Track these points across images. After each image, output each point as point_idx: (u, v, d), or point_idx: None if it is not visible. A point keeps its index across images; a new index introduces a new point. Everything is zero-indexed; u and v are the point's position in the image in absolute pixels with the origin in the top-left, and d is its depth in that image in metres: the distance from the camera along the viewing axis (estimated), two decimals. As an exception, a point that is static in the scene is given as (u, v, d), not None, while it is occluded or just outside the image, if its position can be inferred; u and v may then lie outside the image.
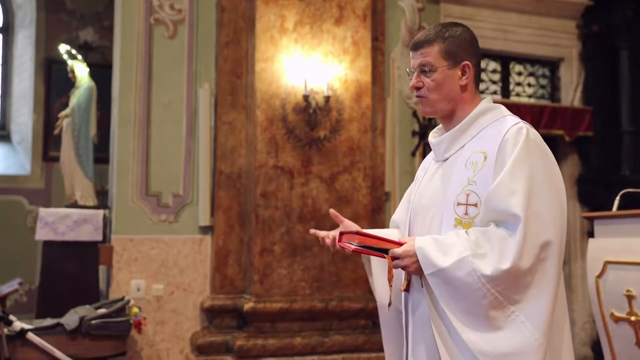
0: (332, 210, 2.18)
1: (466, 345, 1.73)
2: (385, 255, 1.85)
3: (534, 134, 1.85)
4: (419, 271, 1.82)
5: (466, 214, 1.84)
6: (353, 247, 1.87)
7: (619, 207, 3.24)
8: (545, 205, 1.76)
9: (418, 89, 1.96)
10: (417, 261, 1.80)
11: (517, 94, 6.61)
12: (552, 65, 6.73)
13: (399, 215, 2.24)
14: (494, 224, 1.78)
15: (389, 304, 1.96)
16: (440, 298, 1.77)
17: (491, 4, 6.20)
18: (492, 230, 1.76)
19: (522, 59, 6.60)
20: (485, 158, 1.85)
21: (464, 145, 1.94)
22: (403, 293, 1.99)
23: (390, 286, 1.87)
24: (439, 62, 1.92)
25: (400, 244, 1.86)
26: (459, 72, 1.93)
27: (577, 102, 6.56)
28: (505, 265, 1.70)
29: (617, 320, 3.10)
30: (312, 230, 2.21)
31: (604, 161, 6.38)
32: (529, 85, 6.70)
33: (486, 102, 1.99)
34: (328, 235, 2.10)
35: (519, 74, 6.66)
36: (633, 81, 6.27)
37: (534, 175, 1.77)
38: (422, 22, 5.83)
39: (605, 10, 6.38)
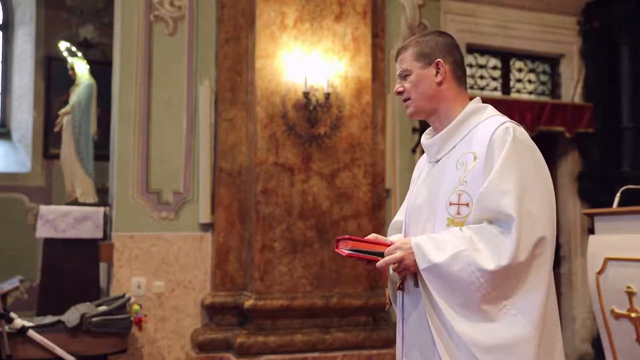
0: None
1: (459, 337, 1.78)
2: (380, 258, 1.89)
3: (521, 132, 1.90)
4: (414, 266, 1.86)
5: (458, 213, 1.89)
6: (346, 252, 1.90)
7: (620, 204, 3.24)
8: (536, 203, 1.81)
9: (400, 93, 2.06)
10: (413, 254, 1.86)
11: (518, 91, 6.61)
12: (553, 61, 6.72)
13: (401, 216, 2.25)
14: (486, 222, 1.83)
15: (389, 305, 2.03)
16: (434, 292, 1.82)
17: (491, 0, 6.19)
18: (486, 228, 1.82)
19: (522, 55, 6.59)
20: (475, 158, 1.89)
21: (454, 146, 1.99)
22: (398, 292, 2.03)
23: (387, 287, 1.94)
24: (412, 65, 2.02)
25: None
26: (434, 71, 2.00)
27: (577, 99, 6.55)
28: (502, 261, 1.75)
29: (618, 316, 3.11)
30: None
31: (604, 158, 6.38)
32: (530, 81, 6.69)
33: (475, 102, 2.04)
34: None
35: (520, 70, 6.65)
36: (633, 77, 6.26)
37: (522, 174, 1.82)
38: (422, 19, 5.83)
39: (606, 6, 6.37)
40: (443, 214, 1.92)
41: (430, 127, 2.13)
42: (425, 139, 2.11)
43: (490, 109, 2.02)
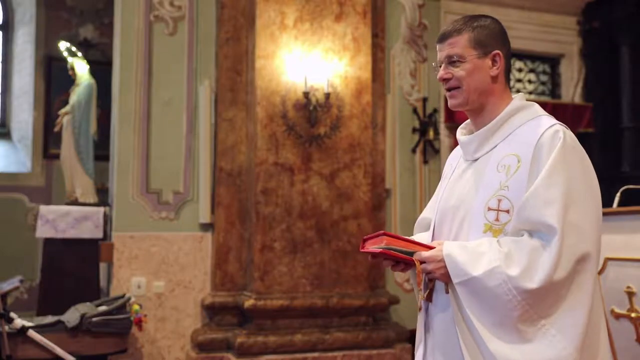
0: None
1: (493, 356, 1.66)
2: (410, 258, 1.78)
3: (571, 137, 1.76)
4: (446, 277, 1.75)
5: (497, 220, 1.76)
6: (380, 249, 1.78)
7: (620, 204, 3.23)
8: (583, 216, 1.67)
9: (446, 80, 1.87)
10: (444, 267, 1.73)
11: (518, 91, 6.60)
12: (553, 61, 6.73)
13: (429, 213, 2.12)
14: (527, 234, 1.70)
15: (420, 308, 1.90)
16: (468, 307, 1.70)
17: (492, 0, 6.19)
18: (526, 241, 1.68)
19: (522, 55, 6.60)
20: (519, 161, 1.76)
21: (496, 146, 1.84)
22: (423, 301, 1.91)
23: (420, 289, 1.82)
24: (468, 52, 1.83)
25: (429, 248, 1.79)
26: (489, 62, 1.84)
27: (577, 99, 6.56)
28: (538, 278, 1.63)
29: (618, 316, 3.10)
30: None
31: (604, 157, 6.38)
32: (530, 81, 6.70)
33: (519, 99, 1.89)
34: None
35: (520, 70, 6.65)
36: (633, 77, 6.27)
37: (571, 183, 1.68)
38: (422, 19, 5.83)
39: (606, 6, 6.38)
40: (480, 219, 1.77)
41: (466, 121, 1.98)
42: (461, 134, 1.96)
43: (536, 108, 1.87)
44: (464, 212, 1.84)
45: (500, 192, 1.77)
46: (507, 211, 1.75)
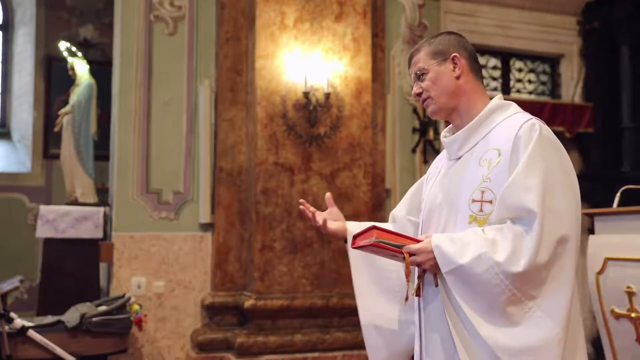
0: (328, 194, 2.42)
1: (484, 342, 1.73)
2: (403, 251, 1.85)
3: (547, 130, 1.87)
4: (435, 268, 1.83)
5: (481, 210, 1.85)
6: (371, 242, 1.85)
7: (620, 204, 3.23)
8: (561, 200, 1.77)
9: (419, 95, 2.03)
10: (434, 258, 1.81)
11: (518, 91, 6.61)
12: (553, 61, 6.72)
13: (399, 210, 2.27)
14: (509, 221, 1.78)
15: (406, 299, 1.97)
16: (457, 295, 1.78)
17: (492, 0, 6.19)
18: (509, 227, 1.77)
19: (522, 55, 6.60)
20: (500, 155, 1.86)
21: (477, 143, 1.96)
22: (414, 296, 1.98)
23: (408, 281, 1.88)
24: (429, 63, 2.00)
25: (416, 241, 1.87)
26: (451, 65, 1.99)
27: (577, 99, 6.55)
28: (523, 261, 1.71)
29: (618, 316, 3.10)
30: (301, 200, 2.38)
31: (604, 157, 6.38)
32: (530, 81, 6.70)
33: (497, 99, 2.02)
34: (316, 214, 2.35)
35: (520, 70, 6.65)
36: (633, 77, 6.26)
37: (548, 171, 1.78)
38: (422, 19, 5.83)
39: (606, 6, 6.38)
40: (465, 211, 1.88)
41: (449, 126, 2.09)
42: (444, 136, 2.08)
43: (514, 106, 2.00)
44: (449, 206, 1.94)
45: (483, 185, 1.87)
46: (490, 202, 1.85)
